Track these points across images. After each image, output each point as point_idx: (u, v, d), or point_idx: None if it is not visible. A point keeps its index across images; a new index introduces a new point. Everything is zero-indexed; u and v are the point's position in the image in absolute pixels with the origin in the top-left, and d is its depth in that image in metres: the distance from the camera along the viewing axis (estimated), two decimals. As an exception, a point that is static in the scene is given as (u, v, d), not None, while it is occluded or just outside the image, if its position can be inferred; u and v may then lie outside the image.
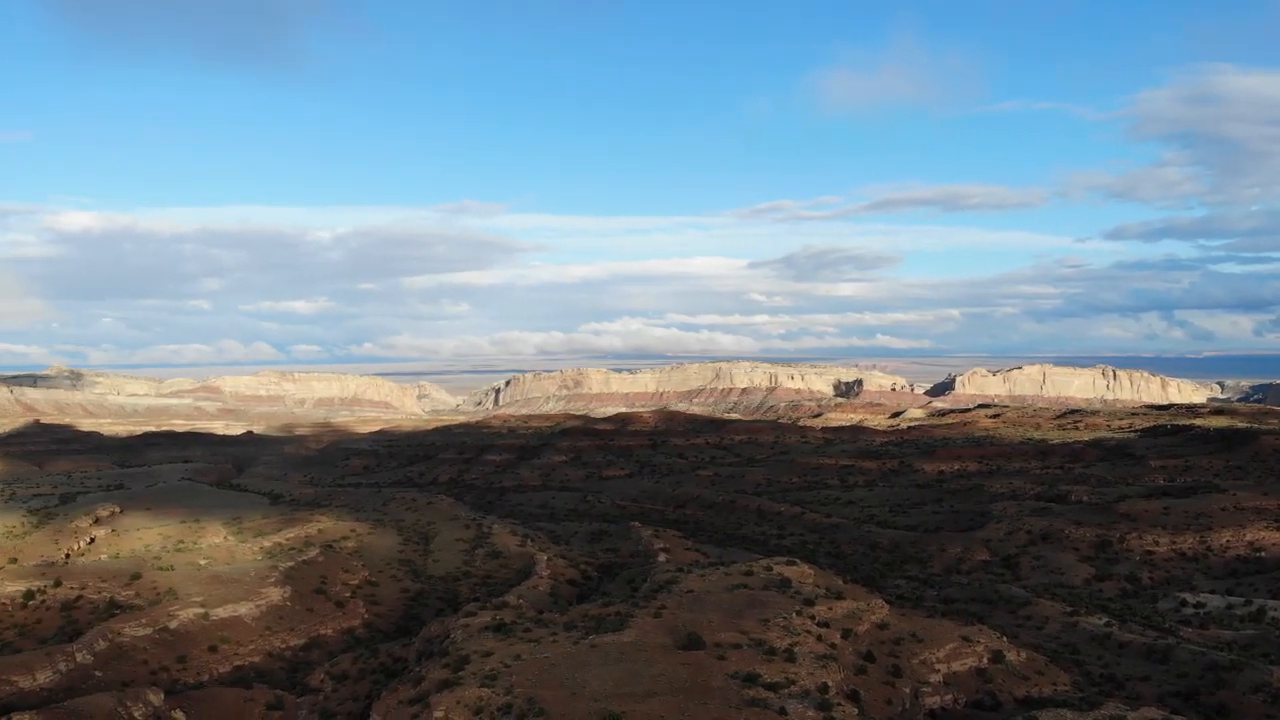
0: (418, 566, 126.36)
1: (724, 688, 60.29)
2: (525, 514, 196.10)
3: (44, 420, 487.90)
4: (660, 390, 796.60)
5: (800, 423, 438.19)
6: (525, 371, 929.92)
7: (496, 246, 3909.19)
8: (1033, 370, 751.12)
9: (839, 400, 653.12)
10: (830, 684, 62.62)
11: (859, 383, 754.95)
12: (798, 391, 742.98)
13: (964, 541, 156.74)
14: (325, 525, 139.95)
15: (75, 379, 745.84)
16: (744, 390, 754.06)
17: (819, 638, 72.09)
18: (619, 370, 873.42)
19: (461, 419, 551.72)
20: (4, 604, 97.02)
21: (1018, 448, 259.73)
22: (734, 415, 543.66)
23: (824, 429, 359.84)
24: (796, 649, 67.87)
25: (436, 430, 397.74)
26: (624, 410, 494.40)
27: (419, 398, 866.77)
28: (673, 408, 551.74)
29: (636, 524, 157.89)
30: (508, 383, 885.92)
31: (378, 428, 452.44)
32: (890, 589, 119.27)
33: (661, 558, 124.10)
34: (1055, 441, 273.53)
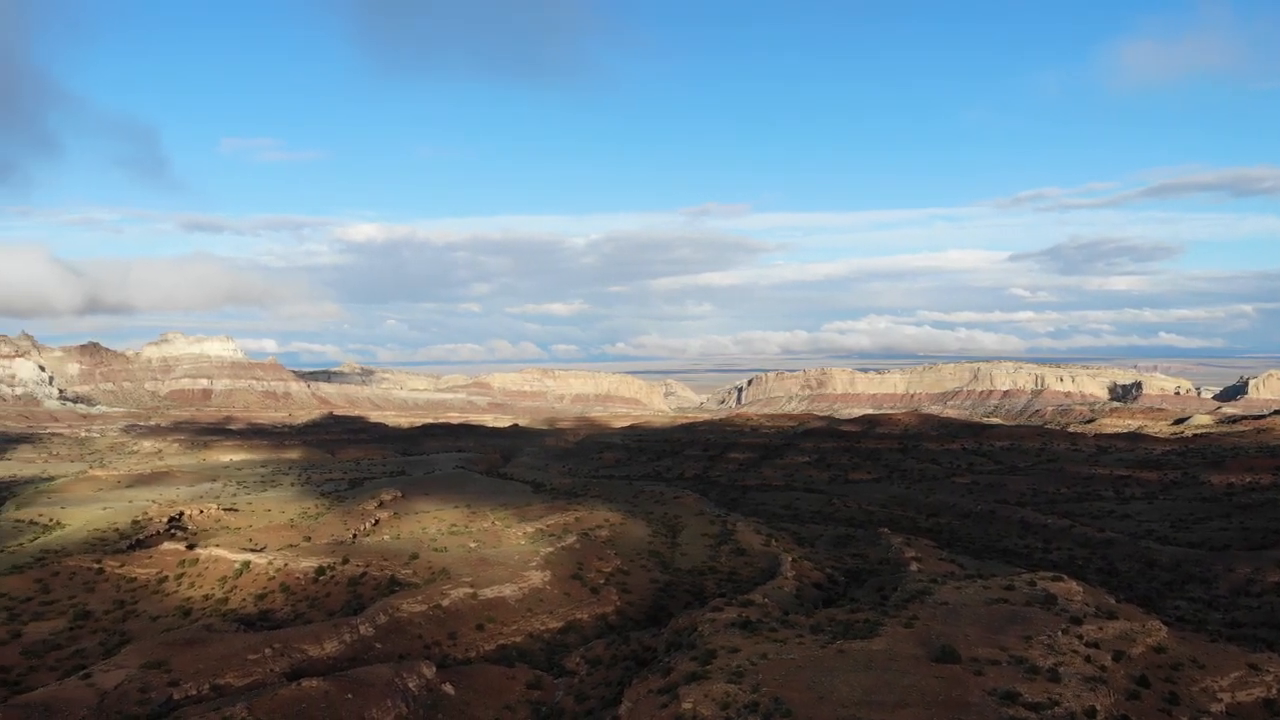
0: (665, 558, 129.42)
1: (980, 704, 57.58)
2: (768, 513, 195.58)
3: (336, 412, 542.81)
4: (910, 392, 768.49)
5: (1070, 428, 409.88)
6: (767, 371, 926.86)
7: (739, 247, 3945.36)
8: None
9: (1114, 405, 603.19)
10: (1098, 708, 58.47)
11: (1137, 386, 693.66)
12: (1067, 395, 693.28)
13: (1255, 561, 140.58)
14: (581, 514, 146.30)
15: (365, 375, 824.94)
16: (1005, 393, 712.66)
17: (1087, 658, 67.36)
18: (865, 370, 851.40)
19: (705, 417, 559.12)
20: (298, 579, 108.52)
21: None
22: (994, 419, 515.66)
23: (1097, 435, 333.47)
24: (1061, 669, 63.79)
25: (682, 427, 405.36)
26: (871, 411, 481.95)
27: (665, 395, 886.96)
28: (924, 410, 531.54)
29: (885, 530, 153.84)
30: (750, 382, 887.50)
31: (629, 423, 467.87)
32: (1169, 610, 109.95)
33: (913, 566, 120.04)
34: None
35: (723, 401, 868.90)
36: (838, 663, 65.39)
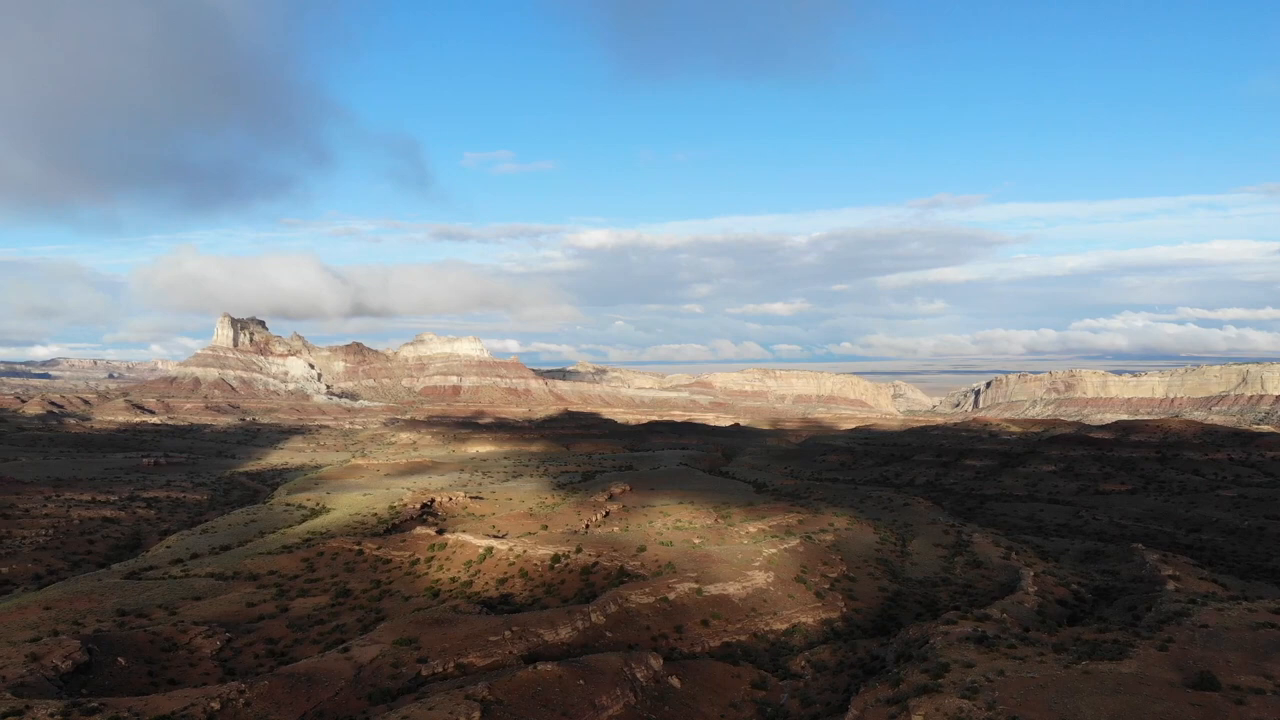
0: (895, 567, 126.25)
1: (1247, 741, 52.71)
2: (1008, 525, 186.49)
3: (571, 408, 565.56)
4: (1170, 396, 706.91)
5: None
6: (1008, 372, 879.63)
7: (974, 240, 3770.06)
8: None
9: None
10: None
11: None
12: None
13: None
14: (805, 517, 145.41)
15: (597, 374, 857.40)
16: (1278, 398, 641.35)
17: (1373, 697, 59.97)
18: (1119, 372, 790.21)
19: (939, 420, 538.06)
20: (535, 565, 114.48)
21: None
22: (1265, 427, 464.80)
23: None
24: (1344, 708, 57.16)
25: (912, 431, 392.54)
26: (1125, 417, 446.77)
27: (894, 397, 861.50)
28: (1186, 416, 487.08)
29: (1139, 546, 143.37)
30: (989, 384, 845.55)
31: (855, 425, 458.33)
32: None
33: (1170, 586, 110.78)
34: None
35: (958, 405, 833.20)
36: (1082, 684, 61.77)
